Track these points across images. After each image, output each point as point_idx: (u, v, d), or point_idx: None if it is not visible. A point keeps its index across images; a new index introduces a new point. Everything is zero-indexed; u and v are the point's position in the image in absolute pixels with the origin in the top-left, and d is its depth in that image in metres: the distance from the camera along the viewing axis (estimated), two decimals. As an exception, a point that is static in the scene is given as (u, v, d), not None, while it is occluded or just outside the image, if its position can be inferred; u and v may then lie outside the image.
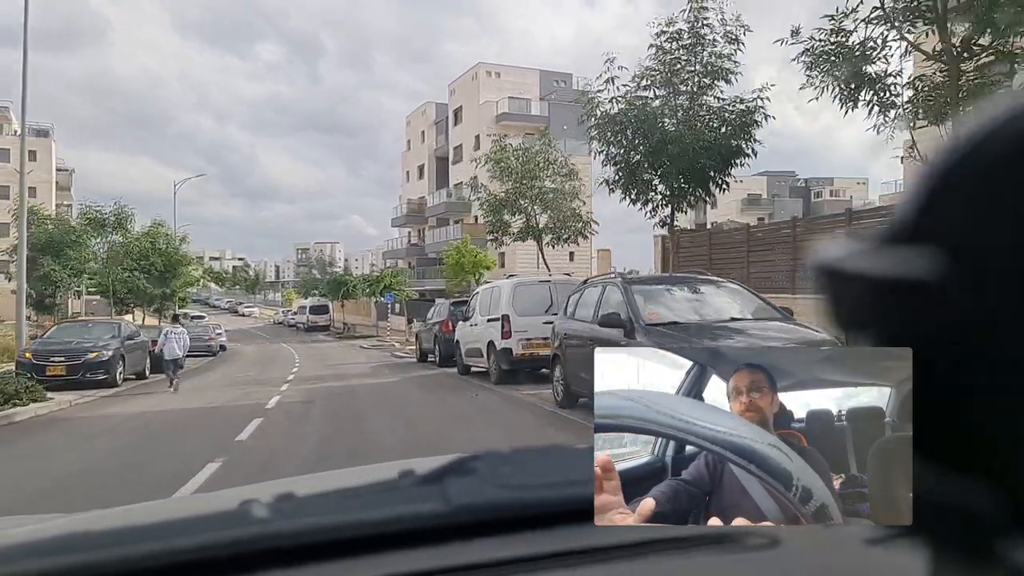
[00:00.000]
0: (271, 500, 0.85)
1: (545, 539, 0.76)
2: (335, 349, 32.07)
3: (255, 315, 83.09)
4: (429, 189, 53.74)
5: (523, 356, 12.97)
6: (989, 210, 0.35)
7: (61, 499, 5.86)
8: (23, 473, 7.33)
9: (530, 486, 0.90)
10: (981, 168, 0.35)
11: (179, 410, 11.95)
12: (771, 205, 70.34)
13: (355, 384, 15.34)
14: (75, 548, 0.78)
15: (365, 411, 11.12)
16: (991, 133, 0.35)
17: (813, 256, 0.40)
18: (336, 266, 58.15)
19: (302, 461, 7.12)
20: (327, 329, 51.21)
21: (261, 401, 12.34)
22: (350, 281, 47.82)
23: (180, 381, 15.44)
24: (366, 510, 0.82)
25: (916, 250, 0.36)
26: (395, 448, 7.76)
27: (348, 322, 49.09)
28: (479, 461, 0.95)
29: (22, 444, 9.32)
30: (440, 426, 9.47)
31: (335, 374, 18.27)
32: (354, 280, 48.29)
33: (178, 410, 11.95)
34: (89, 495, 5.88)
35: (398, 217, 57.99)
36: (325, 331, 50.46)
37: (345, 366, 21.07)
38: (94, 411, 12.36)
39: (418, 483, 0.90)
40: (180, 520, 0.90)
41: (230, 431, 8.95)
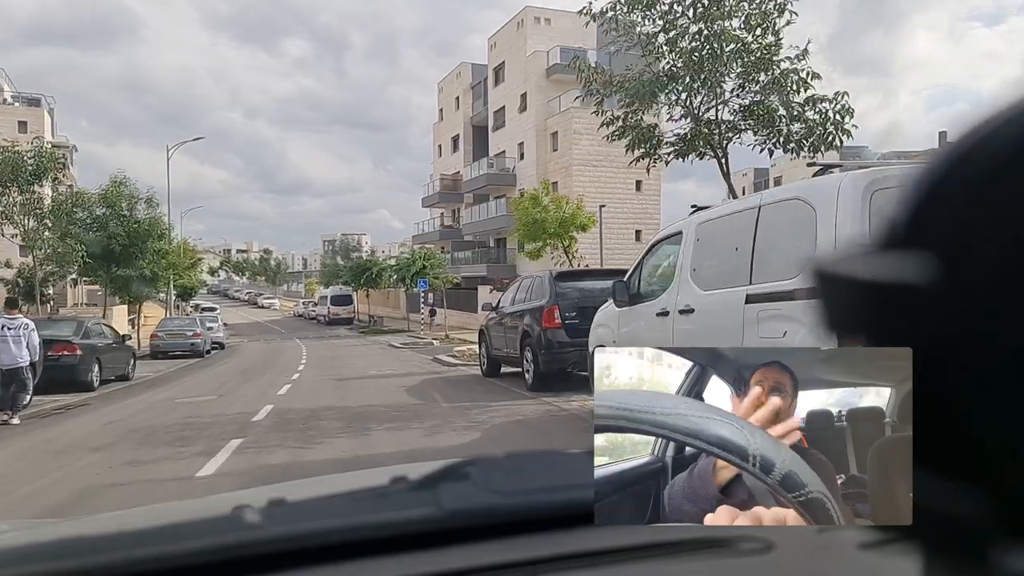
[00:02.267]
0: (264, 505, 0.85)
1: (540, 543, 0.76)
2: (357, 349, 25.39)
3: (275, 307, 77.03)
4: (465, 162, 46.89)
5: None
6: (984, 212, 0.35)
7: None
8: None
9: (524, 490, 0.90)
10: (976, 170, 0.35)
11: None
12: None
13: (379, 438, 7.58)
14: (69, 553, 0.79)
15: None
16: (986, 136, 0.35)
17: (809, 260, 0.40)
18: (361, 251, 51.07)
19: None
20: (350, 323, 44.58)
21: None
22: (375, 265, 41.10)
23: (30, 410, 9.50)
24: (359, 515, 0.82)
25: (912, 253, 0.36)
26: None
27: (374, 314, 42.44)
28: (472, 466, 0.94)
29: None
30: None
31: (350, 406, 10.12)
32: (380, 264, 41.56)
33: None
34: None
35: (429, 196, 51.19)
36: (348, 324, 43.86)
37: (370, 383, 13.74)
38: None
39: (411, 488, 0.91)
40: (174, 525, 0.90)
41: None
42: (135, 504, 4.71)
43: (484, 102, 46.24)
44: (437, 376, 14.65)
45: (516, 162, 41.21)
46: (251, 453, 7.10)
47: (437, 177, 50.69)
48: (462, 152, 48.49)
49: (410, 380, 13.87)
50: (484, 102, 46.24)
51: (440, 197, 49.23)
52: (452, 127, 50.50)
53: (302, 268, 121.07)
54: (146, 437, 8.39)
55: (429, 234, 49.37)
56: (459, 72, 49.81)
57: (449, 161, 50.70)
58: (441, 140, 52.84)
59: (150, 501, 5.07)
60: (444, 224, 50.29)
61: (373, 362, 19.34)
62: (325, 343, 29.72)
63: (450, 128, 50.88)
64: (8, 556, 0.79)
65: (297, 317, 58.57)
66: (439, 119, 53.52)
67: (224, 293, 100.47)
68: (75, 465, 6.96)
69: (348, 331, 38.85)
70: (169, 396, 13.22)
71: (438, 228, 49.80)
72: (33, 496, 5.83)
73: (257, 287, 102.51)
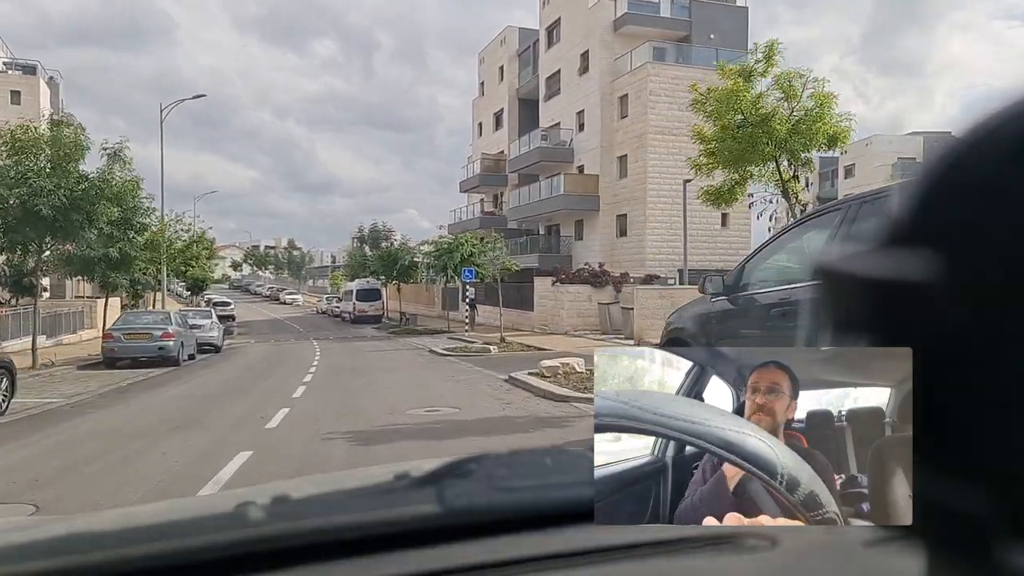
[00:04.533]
0: (268, 502, 0.85)
1: (543, 540, 0.77)
2: (388, 356, 19.44)
3: (298, 303, 71.65)
4: (510, 139, 40.83)
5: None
6: (987, 210, 0.35)
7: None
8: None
9: (527, 487, 0.90)
10: (978, 169, 0.35)
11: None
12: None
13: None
14: (73, 549, 0.79)
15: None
16: (988, 134, 0.35)
17: (812, 257, 0.41)
18: (393, 238, 44.71)
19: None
20: (378, 321, 38.62)
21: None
22: (407, 254, 35.13)
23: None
24: (362, 512, 0.83)
25: (914, 251, 0.36)
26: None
27: (406, 311, 36.51)
28: (475, 463, 0.95)
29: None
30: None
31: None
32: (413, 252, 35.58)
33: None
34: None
35: (468, 179, 45.24)
36: (376, 323, 37.91)
37: (418, 447, 7.34)
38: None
39: (414, 485, 0.91)
40: (177, 522, 0.89)
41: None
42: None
43: (533, 69, 40.21)
44: (558, 426, 8.40)
45: (574, 134, 35.03)
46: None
47: (477, 158, 44.69)
48: (506, 129, 42.50)
49: (510, 440, 7.59)
50: (533, 69, 40.21)
51: (481, 180, 43.24)
52: (495, 101, 44.50)
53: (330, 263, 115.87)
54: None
55: (467, 222, 43.25)
56: (504, 38, 43.78)
57: (491, 140, 44.72)
58: (482, 117, 46.86)
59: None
60: (484, 211, 44.29)
61: (413, 380, 13.34)
62: (347, 346, 23.88)
63: (492, 103, 44.89)
64: (12, 552, 0.79)
65: (320, 314, 52.81)
66: (479, 94, 47.57)
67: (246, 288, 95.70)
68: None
69: (376, 331, 32.92)
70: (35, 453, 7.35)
71: (478, 215, 43.76)
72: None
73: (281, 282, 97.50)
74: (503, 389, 11.69)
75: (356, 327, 36.17)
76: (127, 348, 16.48)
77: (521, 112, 41.87)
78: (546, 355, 14.43)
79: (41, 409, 11.00)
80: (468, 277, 25.02)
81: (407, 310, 37.16)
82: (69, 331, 24.56)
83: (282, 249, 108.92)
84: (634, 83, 30.94)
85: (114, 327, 17.27)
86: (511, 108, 42.58)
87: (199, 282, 41.68)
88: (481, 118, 46.93)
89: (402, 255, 35.08)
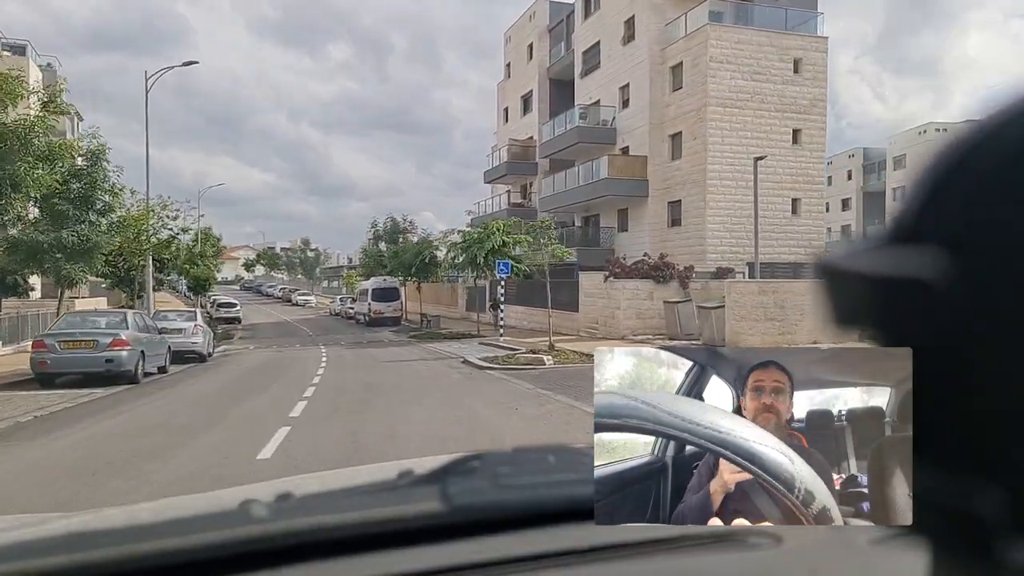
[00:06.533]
0: (271, 499, 0.85)
1: (545, 538, 0.76)
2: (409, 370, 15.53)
3: (311, 304, 67.93)
4: (540, 122, 36.87)
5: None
6: (988, 210, 0.35)
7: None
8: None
9: (529, 485, 0.90)
10: (980, 168, 0.35)
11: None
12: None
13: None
14: (75, 547, 0.78)
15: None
16: (990, 134, 0.35)
17: (814, 255, 0.40)
18: (413, 232, 40.47)
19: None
20: (397, 323, 34.70)
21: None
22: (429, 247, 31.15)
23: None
24: (365, 509, 0.82)
25: (916, 249, 0.36)
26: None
27: (427, 313, 32.60)
28: (478, 461, 0.94)
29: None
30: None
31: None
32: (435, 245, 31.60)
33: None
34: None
35: (493, 168, 41.23)
36: (395, 325, 34.01)
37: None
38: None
39: (417, 483, 0.90)
40: (182, 519, 0.89)
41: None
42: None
43: (567, 44, 36.26)
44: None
45: (616, 112, 30.97)
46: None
47: (503, 145, 40.75)
48: (536, 112, 38.55)
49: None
50: (567, 44, 36.26)
51: (508, 168, 39.23)
52: (523, 83, 40.57)
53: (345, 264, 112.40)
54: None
55: (493, 215, 39.33)
56: (533, 13, 39.84)
57: (519, 125, 40.77)
58: (508, 101, 42.93)
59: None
60: (512, 202, 40.31)
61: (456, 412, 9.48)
62: (360, 354, 20.01)
63: (520, 85, 40.97)
64: (16, 550, 0.78)
65: (333, 316, 49.06)
66: (505, 76, 43.64)
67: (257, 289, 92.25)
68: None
69: (394, 334, 29.07)
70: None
71: (504, 207, 39.76)
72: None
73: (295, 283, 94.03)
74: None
75: (372, 330, 32.26)
76: (63, 361, 12.45)
77: (553, 93, 37.91)
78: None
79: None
80: (504, 271, 21.02)
81: (428, 311, 33.28)
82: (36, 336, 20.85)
83: (296, 249, 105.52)
84: (690, 49, 26.87)
85: (48, 333, 13.26)
86: (541, 88, 38.62)
87: (201, 281, 38.09)
88: (507, 102, 42.99)
89: (424, 248, 31.12)
